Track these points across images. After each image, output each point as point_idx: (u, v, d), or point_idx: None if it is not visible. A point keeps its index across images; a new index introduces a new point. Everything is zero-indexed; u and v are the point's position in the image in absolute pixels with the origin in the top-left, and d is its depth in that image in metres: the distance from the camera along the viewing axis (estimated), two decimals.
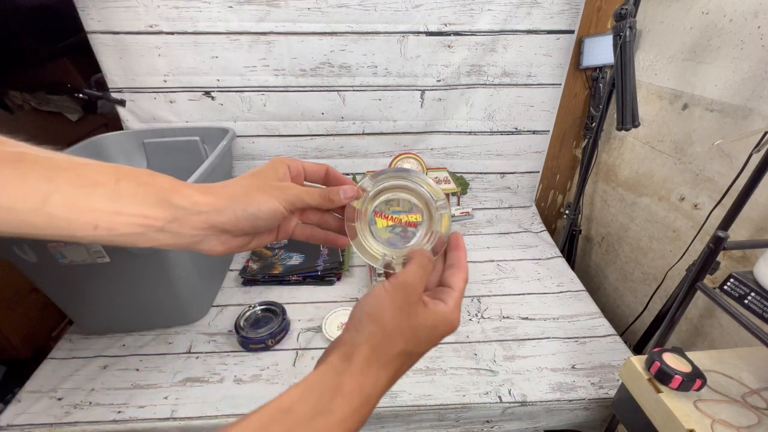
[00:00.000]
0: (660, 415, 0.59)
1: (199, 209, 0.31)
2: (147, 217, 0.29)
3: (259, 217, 0.33)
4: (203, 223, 0.31)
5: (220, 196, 0.32)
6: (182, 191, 0.31)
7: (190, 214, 0.30)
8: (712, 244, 0.60)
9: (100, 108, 1.66)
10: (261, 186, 0.34)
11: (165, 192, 0.30)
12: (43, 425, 0.72)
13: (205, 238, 0.32)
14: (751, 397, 0.60)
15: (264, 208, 0.33)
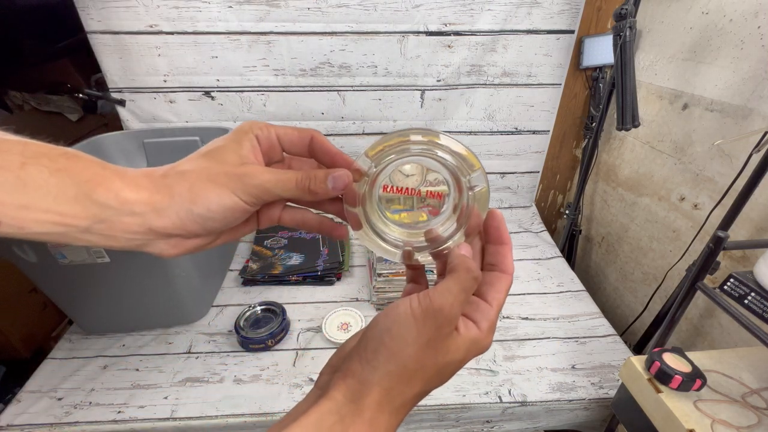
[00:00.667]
0: (660, 415, 0.59)
1: (132, 209, 0.24)
2: (63, 215, 0.22)
3: (211, 218, 0.25)
4: (139, 227, 0.24)
5: (157, 192, 0.25)
6: (107, 184, 0.23)
7: (119, 215, 0.24)
8: (712, 244, 0.60)
9: (100, 108, 1.66)
10: (213, 174, 0.25)
11: (85, 185, 0.23)
12: (43, 425, 0.72)
13: (147, 242, 0.25)
14: (751, 397, 0.60)
15: (215, 206, 0.25)
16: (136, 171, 0.26)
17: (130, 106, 1.15)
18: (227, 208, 0.25)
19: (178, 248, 0.27)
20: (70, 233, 0.23)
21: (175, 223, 0.25)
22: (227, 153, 0.26)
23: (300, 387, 0.79)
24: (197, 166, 0.26)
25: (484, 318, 0.25)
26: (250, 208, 0.26)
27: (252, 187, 0.25)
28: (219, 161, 0.26)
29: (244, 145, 0.27)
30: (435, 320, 0.23)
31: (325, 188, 0.26)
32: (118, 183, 0.24)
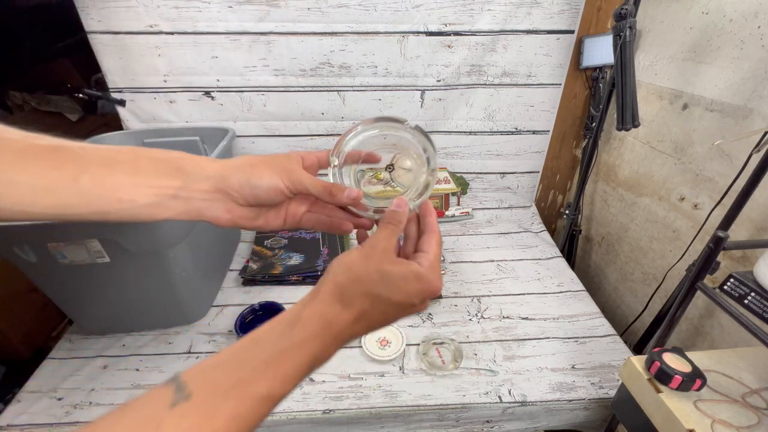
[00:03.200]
0: (660, 415, 0.59)
1: (207, 174, 0.35)
2: (161, 186, 0.33)
3: (260, 188, 0.36)
4: (210, 187, 0.35)
5: (227, 166, 0.36)
6: (192, 159, 0.35)
7: (198, 179, 0.34)
8: (712, 244, 0.60)
9: (100, 108, 1.66)
10: (268, 163, 0.36)
11: (177, 161, 0.34)
12: (43, 425, 0.72)
13: (212, 203, 0.35)
14: (751, 397, 0.60)
15: (265, 182, 0.36)
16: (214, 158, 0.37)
17: (130, 106, 1.15)
18: (272, 185, 0.36)
19: (231, 214, 0.37)
20: (162, 202, 0.34)
21: (234, 186, 0.35)
22: (282, 157, 0.38)
23: (300, 387, 0.79)
24: (260, 158, 0.37)
25: (423, 259, 0.33)
26: (287, 192, 0.37)
27: (294, 178, 0.37)
28: (275, 159, 0.38)
29: (293, 158, 0.39)
30: (370, 245, 0.33)
31: (341, 195, 0.37)
32: (199, 159, 0.36)
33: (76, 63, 1.56)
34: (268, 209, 0.39)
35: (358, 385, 0.79)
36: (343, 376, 0.81)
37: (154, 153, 0.34)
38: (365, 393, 0.78)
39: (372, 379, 0.80)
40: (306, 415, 0.74)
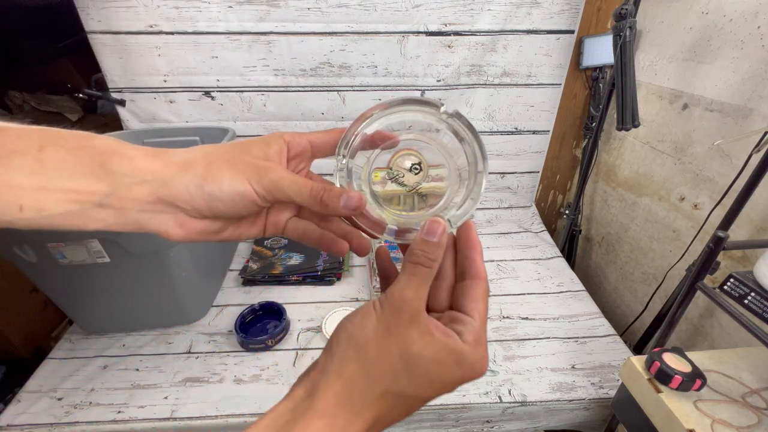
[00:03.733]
0: (660, 415, 0.59)
1: (143, 177, 0.24)
2: (79, 192, 0.23)
3: (219, 199, 0.25)
4: (148, 196, 0.24)
5: (172, 164, 0.25)
6: (122, 153, 0.24)
7: (130, 182, 0.24)
8: (712, 244, 0.60)
9: (100, 108, 1.66)
10: (233, 159, 0.25)
11: (101, 156, 0.23)
12: (43, 425, 0.72)
13: (154, 216, 0.25)
14: (751, 397, 0.60)
15: (227, 188, 0.25)
16: (154, 148, 0.26)
17: (130, 106, 1.15)
18: (237, 193, 0.25)
19: (183, 229, 0.26)
20: (85, 211, 0.23)
21: (184, 195, 0.25)
22: (253, 147, 0.27)
23: None
24: (221, 149, 0.26)
25: (467, 330, 0.23)
26: (260, 201, 0.26)
27: (267, 180, 0.25)
28: (243, 151, 0.26)
29: (272, 146, 0.27)
30: (392, 306, 0.23)
31: (337, 204, 0.26)
32: (132, 152, 0.25)
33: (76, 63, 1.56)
34: (238, 219, 0.28)
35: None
36: None
37: (67, 139, 0.24)
38: None
39: None
40: None
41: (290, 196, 0.26)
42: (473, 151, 0.27)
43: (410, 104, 0.27)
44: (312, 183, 0.26)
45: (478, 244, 0.26)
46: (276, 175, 0.26)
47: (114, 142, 0.25)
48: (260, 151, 0.27)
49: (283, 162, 0.28)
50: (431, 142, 0.28)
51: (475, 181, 0.27)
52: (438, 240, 0.24)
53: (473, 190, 0.27)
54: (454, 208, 0.28)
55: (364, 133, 0.28)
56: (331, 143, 0.29)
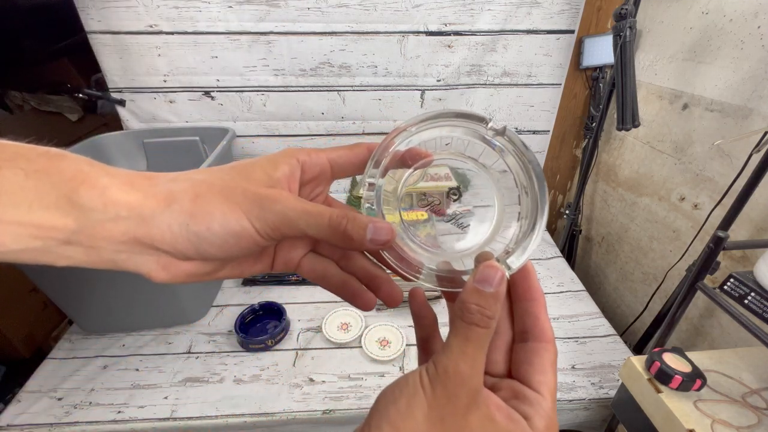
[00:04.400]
0: (660, 415, 0.59)
1: (117, 212, 0.19)
2: (40, 225, 0.18)
3: (208, 241, 0.20)
4: (123, 235, 0.20)
5: (153, 196, 0.20)
6: (91, 182, 0.19)
7: (104, 219, 0.19)
8: (712, 244, 0.60)
9: (100, 108, 1.66)
10: (228, 188, 0.21)
11: (67, 184, 0.19)
12: (43, 425, 0.72)
13: (132, 257, 0.21)
14: (751, 397, 0.60)
15: (217, 227, 0.20)
16: (136, 172, 0.21)
17: (130, 106, 1.15)
18: (231, 233, 0.20)
19: (168, 271, 0.22)
20: (49, 247, 0.19)
21: (165, 236, 0.20)
22: (256, 170, 0.22)
23: (300, 387, 0.79)
24: (215, 175, 0.21)
25: (536, 413, 0.19)
26: (262, 240, 0.21)
27: (271, 214, 0.20)
28: (243, 176, 0.21)
29: (280, 167, 0.22)
30: (444, 388, 0.18)
31: (362, 236, 0.21)
32: (105, 180, 0.20)
33: (76, 63, 1.56)
34: (235, 262, 0.23)
35: (358, 385, 0.79)
36: (343, 376, 0.81)
37: (28, 157, 0.19)
38: (365, 393, 0.78)
39: (372, 380, 0.80)
40: (306, 415, 0.74)
41: (302, 229, 0.21)
42: (527, 173, 0.22)
43: (450, 117, 0.23)
44: (330, 210, 0.21)
45: (542, 295, 0.22)
46: (282, 205, 0.21)
47: (85, 164, 0.20)
48: (264, 175, 0.22)
49: (293, 187, 0.23)
50: (472, 163, 0.24)
51: (535, 211, 0.22)
52: (496, 291, 0.19)
53: (534, 222, 0.22)
54: (501, 243, 0.23)
55: (397, 150, 0.23)
56: (355, 162, 0.24)
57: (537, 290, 0.22)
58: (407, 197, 0.24)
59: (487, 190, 0.24)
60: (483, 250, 0.22)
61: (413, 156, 0.23)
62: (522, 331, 0.22)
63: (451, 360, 0.18)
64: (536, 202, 0.22)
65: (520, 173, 0.23)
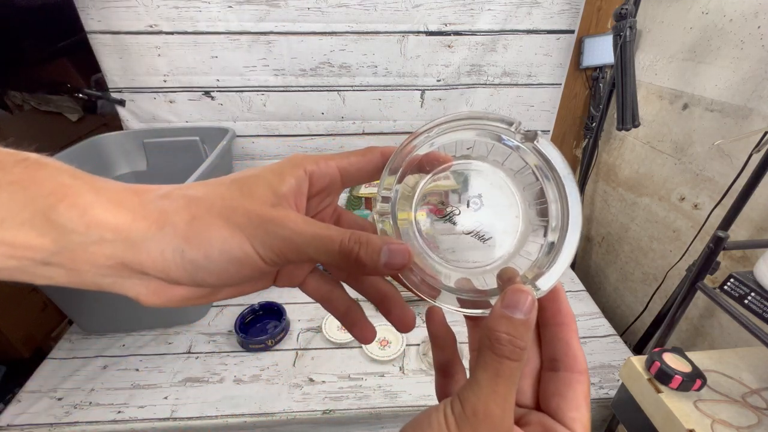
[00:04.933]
0: (660, 415, 0.59)
1: (101, 235, 0.17)
2: (14, 245, 0.16)
3: (205, 269, 0.18)
4: (107, 259, 0.18)
5: (144, 216, 0.18)
6: (72, 198, 0.17)
7: (86, 242, 0.17)
8: (713, 244, 0.60)
9: (100, 108, 1.66)
10: (229, 209, 0.19)
11: (45, 199, 0.16)
12: (43, 425, 0.72)
13: (120, 280, 0.19)
14: (751, 397, 0.60)
15: (216, 254, 0.18)
16: (125, 185, 0.19)
17: (130, 106, 1.15)
18: (233, 260, 0.18)
19: (159, 297, 0.20)
20: (26, 268, 0.17)
21: (156, 262, 0.18)
22: (260, 185, 0.20)
23: (300, 387, 0.79)
24: (213, 192, 0.19)
25: None
26: (266, 266, 0.19)
27: (277, 239, 0.18)
28: (245, 193, 0.19)
29: (286, 181, 0.20)
30: (474, 429, 0.16)
31: (376, 261, 0.19)
32: (88, 197, 0.17)
33: (75, 63, 1.56)
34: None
35: (358, 385, 0.79)
36: (342, 376, 0.81)
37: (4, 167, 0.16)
38: (365, 393, 0.78)
39: (372, 380, 0.80)
40: (306, 415, 0.74)
41: (311, 256, 0.19)
42: (558, 183, 0.20)
43: (473, 120, 0.21)
44: (342, 233, 0.19)
45: (573, 319, 0.20)
46: (289, 230, 0.19)
47: (68, 176, 0.17)
48: (268, 191, 0.20)
49: (301, 203, 0.21)
50: (494, 169, 0.22)
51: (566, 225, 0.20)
52: (527, 318, 0.17)
53: (564, 237, 0.20)
54: (526, 260, 0.21)
55: (416, 155, 0.21)
56: (367, 169, 0.22)
57: (568, 314, 0.20)
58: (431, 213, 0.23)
59: (512, 199, 0.22)
60: (506, 266, 0.21)
61: (431, 161, 0.21)
62: (551, 359, 0.20)
63: (480, 400, 0.16)
64: (567, 215, 0.20)
65: (549, 183, 0.20)
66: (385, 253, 0.18)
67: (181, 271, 0.18)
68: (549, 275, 0.19)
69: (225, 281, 0.19)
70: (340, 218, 0.25)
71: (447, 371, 0.23)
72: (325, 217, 0.24)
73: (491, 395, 0.16)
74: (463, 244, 0.22)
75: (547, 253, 0.20)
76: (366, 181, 0.23)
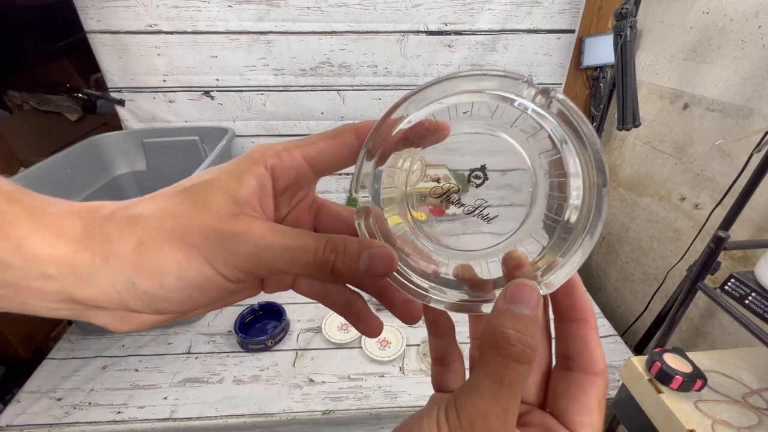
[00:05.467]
0: (660, 415, 0.59)
1: (43, 270, 0.15)
2: None
3: (167, 299, 0.16)
4: (57, 295, 0.16)
5: (87, 246, 0.16)
6: (9, 229, 0.15)
7: (28, 277, 0.15)
8: (713, 244, 0.60)
9: (99, 108, 1.66)
10: (181, 227, 0.16)
11: None
12: (43, 425, 0.72)
13: (78, 312, 0.17)
14: (751, 397, 0.60)
15: (172, 281, 0.16)
16: (71, 207, 0.17)
17: (130, 106, 1.15)
18: (193, 286, 0.16)
19: (128, 324, 0.18)
20: None
21: (110, 296, 0.16)
22: (215, 193, 0.17)
23: (300, 387, 0.79)
24: (162, 209, 0.17)
25: None
26: (235, 285, 0.17)
27: (241, 257, 0.16)
28: (199, 205, 0.17)
29: (246, 182, 0.17)
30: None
31: (354, 270, 0.17)
32: (24, 227, 0.15)
33: (75, 63, 1.56)
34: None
35: (358, 385, 0.79)
36: (342, 376, 0.81)
37: None
38: (365, 393, 0.78)
39: (372, 380, 0.80)
40: (306, 415, 0.74)
41: (282, 269, 0.17)
42: (580, 153, 0.16)
43: (468, 78, 0.16)
44: (316, 241, 0.17)
45: (592, 314, 0.18)
46: (253, 244, 0.16)
47: (4, 201, 0.15)
48: (226, 199, 0.17)
49: (266, 204, 0.18)
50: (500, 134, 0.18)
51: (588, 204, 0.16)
52: (534, 313, 0.15)
53: (587, 219, 0.16)
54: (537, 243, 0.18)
55: (399, 130, 0.17)
56: (341, 155, 0.19)
57: (585, 308, 0.18)
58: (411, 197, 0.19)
59: (523, 170, 0.18)
60: (513, 250, 0.18)
61: (420, 132, 0.18)
62: (565, 356, 0.18)
63: (479, 410, 0.14)
64: (593, 193, 0.16)
65: (569, 151, 0.17)
66: (364, 260, 0.17)
67: (139, 303, 0.16)
68: (564, 265, 0.16)
69: (191, 306, 0.17)
70: (320, 212, 0.22)
71: (444, 360, 0.21)
72: (301, 212, 0.21)
73: (492, 405, 0.14)
74: (462, 226, 0.19)
75: (564, 237, 0.17)
76: (343, 166, 0.19)
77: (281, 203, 0.20)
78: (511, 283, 0.16)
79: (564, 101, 0.16)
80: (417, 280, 0.18)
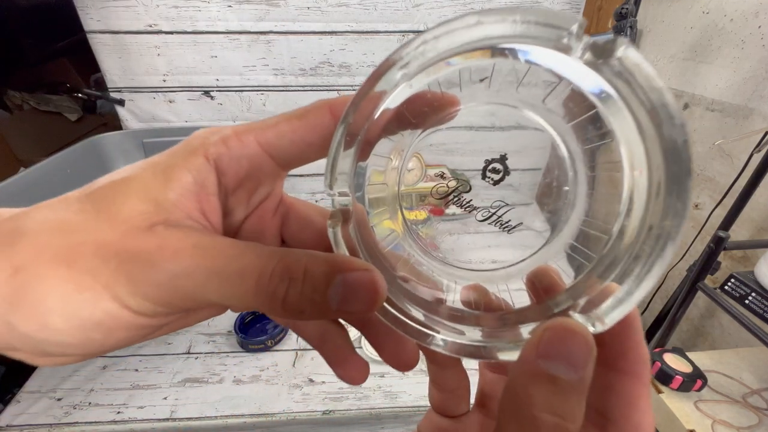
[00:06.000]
0: (661, 415, 0.59)
1: None
2: None
3: (57, 342, 0.12)
4: None
5: None
6: None
7: None
8: (713, 244, 0.60)
9: (99, 108, 1.66)
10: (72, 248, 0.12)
11: None
12: (42, 426, 0.72)
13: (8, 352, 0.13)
14: (751, 397, 0.60)
15: (60, 322, 0.12)
16: None
17: (129, 106, 1.15)
18: (91, 325, 0.12)
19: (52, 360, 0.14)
20: None
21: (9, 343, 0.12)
22: (130, 196, 0.13)
23: (300, 387, 0.79)
24: (55, 220, 0.12)
25: None
26: (152, 320, 0.13)
27: (151, 286, 0.12)
28: (103, 214, 0.12)
29: (177, 178, 0.13)
30: None
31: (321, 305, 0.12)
32: None
33: (75, 63, 1.56)
34: None
35: (357, 385, 0.79)
36: None
37: None
38: (365, 394, 0.78)
39: (372, 380, 0.80)
40: (306, 415, 0.74)
41: (212, 301, 0.12)
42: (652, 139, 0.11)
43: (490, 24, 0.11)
44: (260, 264, 0.12)
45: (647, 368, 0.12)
46: (167, 271, 0.12)
47: None
48: (141, 205, 0.13)
49: (210, 206, 0.14)
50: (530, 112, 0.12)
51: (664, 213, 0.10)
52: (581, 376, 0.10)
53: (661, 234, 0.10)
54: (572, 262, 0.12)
55: (386, 110, 0.12)
56: (311, 140, 0.14)
57: (640, 359, 0.12)
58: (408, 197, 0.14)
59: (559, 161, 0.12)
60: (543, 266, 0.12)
61: (418, 108, 0.13)
62: (600, 413, 0.13)
63: None
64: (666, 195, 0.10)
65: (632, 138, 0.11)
66: (336, 290, 0.11)
67: (25, 345, 0.12)
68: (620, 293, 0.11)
69: (98, 349, 0.13)
70: (288, 214, 0.17)
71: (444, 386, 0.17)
72: (264, 216, 0.17)
73: None
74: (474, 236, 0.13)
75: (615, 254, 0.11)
76: (316, 157, 0.14)
77: (235, 205, 0.15)
78: (550, 324, 0.10)
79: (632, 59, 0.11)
80: (415, 312, 0.13)
